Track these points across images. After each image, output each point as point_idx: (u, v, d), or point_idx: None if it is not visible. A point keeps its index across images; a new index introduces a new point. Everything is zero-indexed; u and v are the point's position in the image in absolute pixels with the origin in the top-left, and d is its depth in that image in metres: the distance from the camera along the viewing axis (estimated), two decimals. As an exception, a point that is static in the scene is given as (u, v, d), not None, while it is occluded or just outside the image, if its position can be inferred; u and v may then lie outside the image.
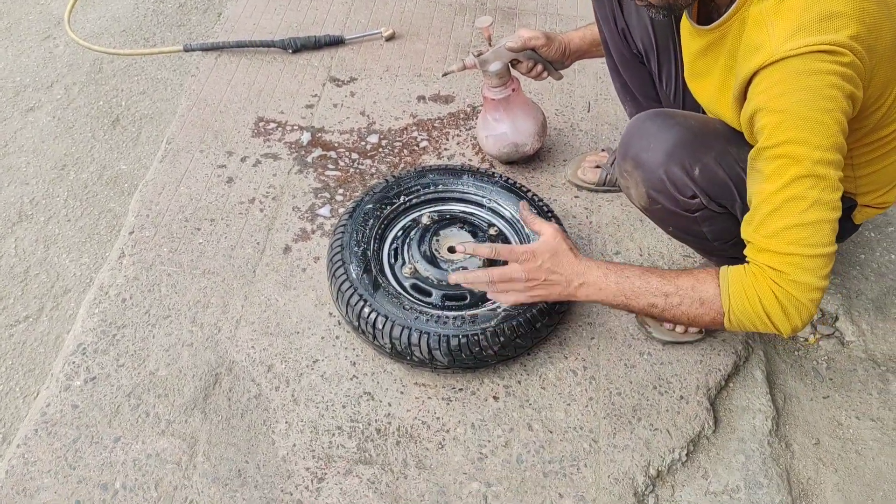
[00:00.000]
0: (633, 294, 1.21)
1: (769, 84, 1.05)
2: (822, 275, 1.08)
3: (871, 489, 1.42)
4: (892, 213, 1.92)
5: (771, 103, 1.05)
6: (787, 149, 1.04)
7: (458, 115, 2.06)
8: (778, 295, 1.09)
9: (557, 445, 1.40)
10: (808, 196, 1.05)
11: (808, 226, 1.06)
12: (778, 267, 1.09)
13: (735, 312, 1.14)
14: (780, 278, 1.09)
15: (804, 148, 1.03)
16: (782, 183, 1.06)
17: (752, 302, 1.11)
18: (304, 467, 1.36)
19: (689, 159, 1.26)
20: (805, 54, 1.01)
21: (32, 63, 2.50)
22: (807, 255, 1.07)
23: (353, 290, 1.45)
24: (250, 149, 1.95)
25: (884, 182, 1.29)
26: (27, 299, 1.83)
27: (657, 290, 1.20)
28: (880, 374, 1.59)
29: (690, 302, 1.18)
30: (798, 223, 1.06)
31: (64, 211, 2.03)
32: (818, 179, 1.04)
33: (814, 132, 1.02)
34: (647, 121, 1.33)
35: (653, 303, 1.20)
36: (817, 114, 1.02)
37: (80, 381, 1.46)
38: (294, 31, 2.33)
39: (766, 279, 1.10)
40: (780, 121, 1.04)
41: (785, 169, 1.05)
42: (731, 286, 1.14)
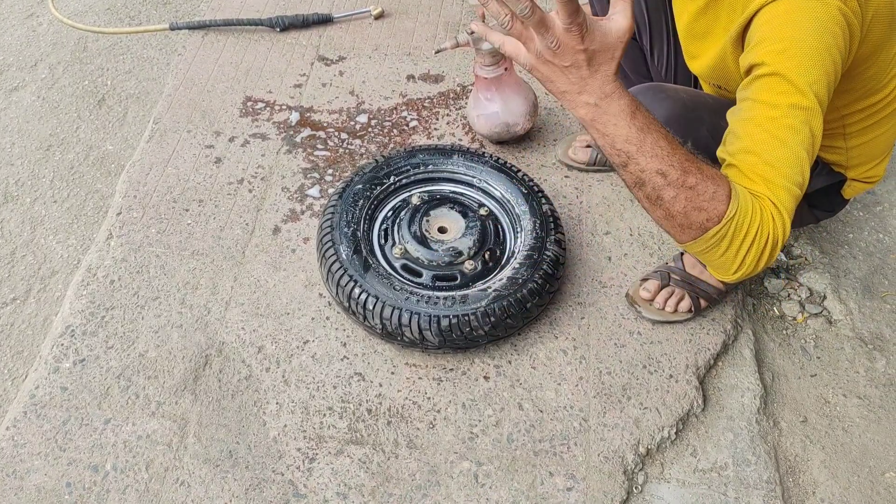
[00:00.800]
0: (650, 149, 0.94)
1: (773, 15, 1.00)
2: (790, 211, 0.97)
3: (858, 465, 1.44)
4: (881, 192, 1.92)
5: (775, 32, 0.99)
6: (790, 76, 0.97)
7: (447, 94, 2.05)
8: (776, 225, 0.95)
9: (548, 425, 1.41)
10: (804, 130, 0.96)
11: (799, 159, 0.96)
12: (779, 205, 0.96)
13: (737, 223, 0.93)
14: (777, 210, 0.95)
15: (807, 77, 0.97)
16: (781, 112, 0.96)
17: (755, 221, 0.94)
18: (295, 448, 1.36)
19: (682, 133, 1.25)
20: None
21: (15, 42, 2.46)
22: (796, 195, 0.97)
23: (344, 271, 1.45)
24: (238, 129, 1.93)
25: (874, 154, 1.29)
26: (14, 281, 1.81)
27: (679, 162, 0.94)
28: (867, 352, 1.61)
29: (704, 190, 0.94)
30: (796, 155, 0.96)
31: (50, 192, 2.01)
32: (812, 113, 0.97)
33: (816, 63, 0.97)
34: (638, 95, 1.32)
35: (664, 170, 0.94)
36: (822, 46, 0.98)
37: (68, 363, 1.45)
38: (282, 9, 2.30)
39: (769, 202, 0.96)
40: (786, 48, 0.98)
41: (785, 96, 0.97)
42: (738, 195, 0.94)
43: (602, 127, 0.95)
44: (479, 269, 1.52)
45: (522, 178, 1.65)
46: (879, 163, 1.31)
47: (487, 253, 1.54)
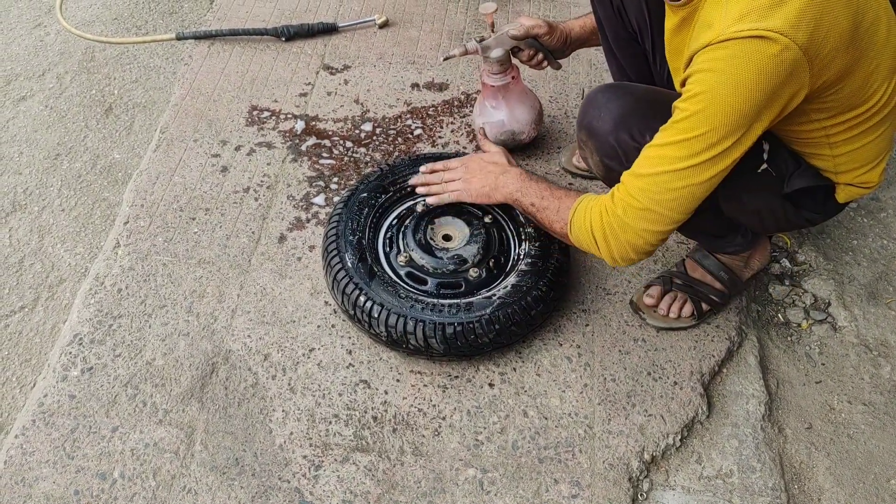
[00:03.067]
0: (527, 190, 1.44)
1: (705, 59, 1.08)
2: (647, 229, 1.19)
3: (863, 472, 1.44)
4: (886, 199, 1.93)
5: (701, 76, 1.09)
6: (693, 118, 1.10)
7: (452, 102, 2.06)
8: (605, 223, 1.22)
9: (553, 432, 1.41)
10: (680, 162, 1.12)
11: (664, 185, 1.15)
12: (618, 200, 1.20)
13: (574, 227, 1.30)
14: (612, 211, 1.21)
15: (705, 125, 1.08)
16: (671, 140, 1.13)
17: (586, 222, 1.26)
18: (301, 455, 1.37)
19: (638, 127, 1.29)
20: (743, 38, 1.03)
21: (23, 51, 2.49)
22: (644, 206, 1.17)
23: (349, 279, 1.46)
24: (244, 138, 1.94)
25: (863, 161, 1.29)
26: (22, 289, 1.83)
27: (539, 193, 1.42)
28: (872, 358, 1.61)
29: (553, 209, 1.37)
30: (656, 176, 1.15)
31: (58, 201, 2.03)
32: (697, 154, 1.11)
33: (722, 115, 1.07)
34: (600, 92, 1.38)
35: (533, 202, 1.42)
36: (735, 99, 1.06)
37: (77, 371, 1.46)
38: (287, 18, 2.32)
39: (606, 205, 1.23)
40: (698, 91, 1.08)
41: (681, 132, 1.11)
42: (581, 203, 1.30)
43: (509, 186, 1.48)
44: (484, 277, 1.52)
45: None
46: (872, 168, 1.30)
47: (492, 260, 1.55)
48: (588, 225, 1.26)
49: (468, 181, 1.53)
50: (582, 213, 1.28)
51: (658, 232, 1.20)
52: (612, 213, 1.21)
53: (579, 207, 1.30)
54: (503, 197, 1.49)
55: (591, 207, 1.26)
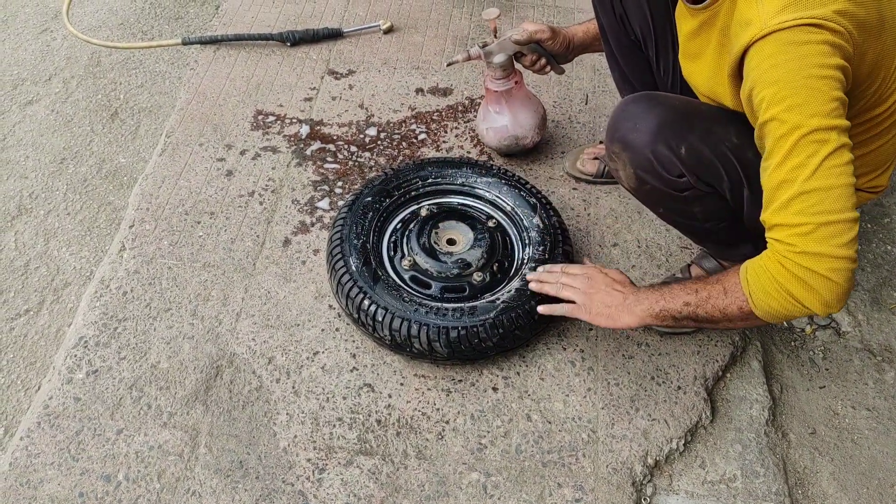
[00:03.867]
0: (670, 296, 1.24)
1: (761, 58, 1.05)
2: (837, 242, 1.02)
3: (867, 478, 1.44)
4: (889, 204, 1.93)
5: (765, 76, 1.04)
6: (784, 118, 1.03)
7: (456, 107, 2.06)
8: (792, 269, 1.05)
9: (556, 436, 1.41)
10: (810, 163, 1.01)
11: (814, 192, 1.02)
12: (786, 240, 1.05)
13: (756, 297, 1.11)
14: (789, 252, 1.04)
15: (800, 115, 1.01)
16: (783, 154, 1.03)
17: (770, 282, 1.08)
18: (305, 458, 1.37)
19: (675, 139, 1.27)
20: (794, 27, 1.02)
21: (30, 56, 2.50)
22: (817, 223, 1.02)
23: (353, 283, 1.46)
24: (249, 142, 1.95)
25: (877, 164, 1.29)
26: (28, 293, 1.83)
27: (690, 289, 1.22)
28: (876, 364, 1.61)
29: (717, 294, 1.17)
30: (802, 191, 1.02)
31: (63, 204, 2.04)
32: (820, 145, 1.01)
33: (809, 99, 1.01)
34: (631, 103, 1.35)
35: (686, 300, 1.21)
36: (811, 80, 1.01)
37: (82, 373, 1.47)
38: (292, 24, 2.33)
39: (776, 257, 1.07)
40: (775, 92, 1.03)
41: (785, 139, 1.03)
42: (749, 271, 1.12)
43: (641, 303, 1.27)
44: (488, 281, 1.53)
45: (530, 190, 1.67)
46: (882, 173, 1.31)
47: (496, 265, 1.55)
48: (774, 284, 1.07)
49: (590, 296, 1.33)
50: (757, 278, 1.10)
51: (847, 242, 1.03)
52: (791, 255, 1.05)
53: (750, 278, 1.12)
54: (637, 320, 1.28)
55: (764, 266, 1.09)
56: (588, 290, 1.34)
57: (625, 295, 1.30)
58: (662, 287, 1.28)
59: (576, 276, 1.37)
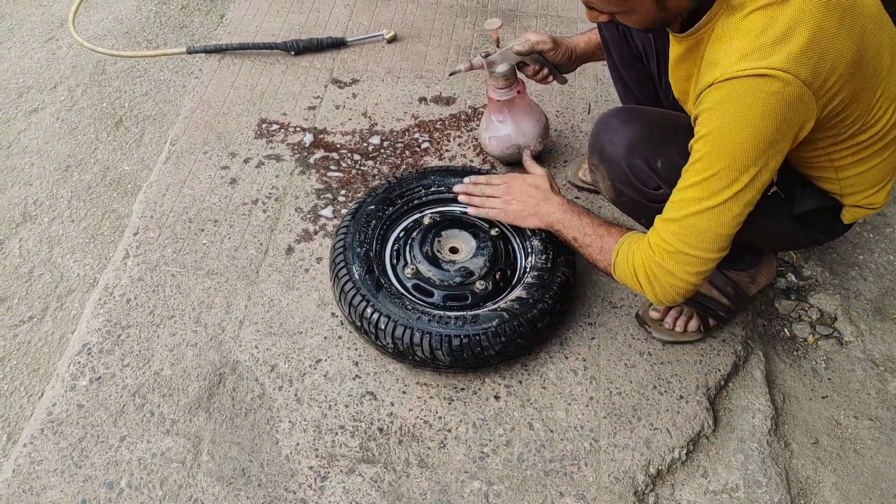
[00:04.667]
0: (568, 223, 1.44)
1: (712, 100, 1.11)
2: (688, 271, 1.20)
3: (870, 488, 1.44)
4: (891, 215, 1.93)
5: (707, 115, 1.11)
6: (705, 158, 1.12)
7: (459, 116, 2.07)
8: (647, 266, 1.24)
9: (558, 444, 1.41)
10: (704, 204, 1.14)
11: (691, 227, 1.17)
12: (654, 246, 1.23)
13: (617, 269, 1.32)
14: (651, 257, 1.23)
15: (719, 164, 1.11)
16: (690, 182, 1.15)
17: (629, 265, 1.28)
18: (307, 466, 1.37)
19: (651, 152, 1.30)
20: (746, 77, 1.06)
21: (36, 65, 2.52)
22: (679, 249, 1.19)
23: (356, 291, 1.47)
24: (253, 150, 1.96)
25: (869, 183, 1.30)
26: (31, 300, 1.84)
27: (582, 227, 1.41)
28: (878, 374, 1.61)
29: (595, 246, 1.37)
30: (683, 220, 1.17)
31: (68, 212, 2.05)
32: (717, 193, 1.13)
33: (734, 155, 1.10)
34: (612, 116, 1.39)
35: (575, 236, 1.42)
36: (743, 138, 1.08)
37: (85, 380, 1.47)
38: (296, 33, 2.34)
39: (643, 251, 1.25)
40: (707, 132, 1.11)
41: (698, 172, 1.14)
42: (622, 245, 1.31)
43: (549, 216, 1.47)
44: (490, 289, 1.53)
45: None
46: (879, 190, 1.31)
47: (498, 273, 1.56)
48: (632, 269, 1.27)
49: (507, 202, 1.52)
50: (625, 257, 1.29)
51: (697, 273, 1.21)
52: (651, 258, 1.23)
53: (621, 250, 1.31)
54: (541, 224, 1.49)
55: (634, 252, 1.27)
56: (507, 196, 1.53)
57: (536, 201, 1.50)
58: (570, 210, 1.45)
59: (497, 186, 1.56)
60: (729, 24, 1.11)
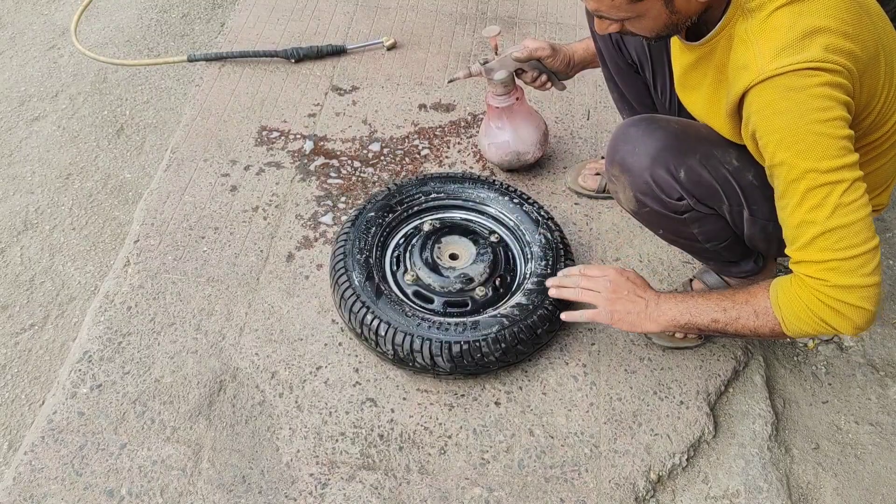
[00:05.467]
0: (697, 311, 1.27)
1: (761, 104, 1.08)
2: (864, 272, 1.08)
3: (871, 493, 1.43)
4: (890, 219, 1.93)
5: (766, 123, 1.08)
6: (793, 163, 1.07)
7: (458, 123, 2.08)
8: (826, 301, 1.11)
9: (559, 451, 1.41)
10: (827, 203, 1.06)
11: (835, 230, 1.07)
12: (817, 275, 1.10)
13: (789, 321, 1.17)
14: (822, 286, 1.10)
15: (809, 160, 1.05)
16: (798, 197, 1.08)
17: (803, 311, 1.14)
18: (307, 473, 1.37)
19: (674, 162, 1.28)
20: (791, 72, 1.04)
21: (37, 73, 2.53)
22: (842, 258, 1.08)
23: (356, 298, 1.47)
24: (254, 157, 1.97)
25: (877, 184, 1.30)
26: (32, 307, 1.84)
27: (717, 306, 1.25)
28: (879, 378, 1.61)
29: (747, 315, 1.22)
30: (824, 230, 1.07)
31: (69, 220, 2.05)
32: (832, 186, 1.06)
33: (816, 143, 1.05)
34: (631, 126, 1.36)
35: (715, 318, 1.25)
36: (815, 125, 1.04)
37: (86, 388, 1.47)
38: (296, 40, 2.35)
39: (809, 289, 1.12)
40: (780, 139, 1.07)
41: (797, 183, 1.07)
42: (780, 297, 1.17)
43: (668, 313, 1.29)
44: (490, 296, 1.53)
45: (532, 205, 1.68)
46: (883, 191, 1.32)
47: (498, 279, 1.56)
48: (809, 313, 1.13)
49: (612, 301, 1.34)
50: (790, 305, 1.16)
51: (872, 270, 1.09)
52: (823, 286, 1.10)
53: (781, 303, 1.17)
54: (660, 329, 1.31)
55: (797, 295, 1.14)
56: (610, 294, 1.34)
57: (647, 301, 1.32)
58: (686, 298, 1.30)
59: (596, 280, 1.36)
60: (751, 27, 1.10)
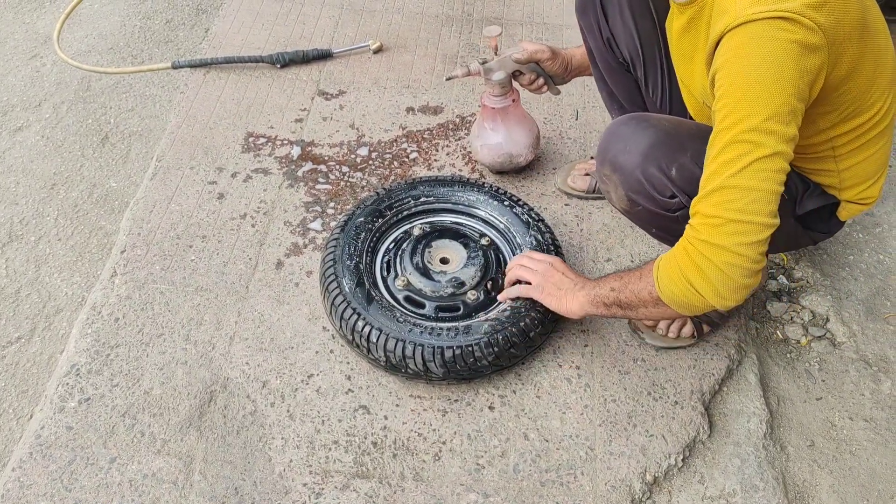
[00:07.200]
0: (604, 283, 1.31)
1: (730, 47, 1.06)
2: (741, 241, 1.05)
3: (866, 489, 1.43)
4: (880, 214, 1.94)
5: (727, 66, 1.06)
6: (729, 110, 1.04)
7: (447, 125, 2.07)
8: (693, 256, 1.08)
9: (554, 454, 1.40)
10: (740, 161, 1.04)
11: (734, 189, 1.04)
12: (696, 227, 1.09)
13: (662, 283, 1.16)
14: (694, 239, 1.08)
15: (745, 110, 1.03)
16: (719, 148, 1.06)
17: (675, 269, 1.12)
18: (301, 483, 1.35)
19: (666, 160, 1.28)
20: (765, 19, 1.02)
21: (20, 82, 2.50)
22: (727, 218, 1.05)
23: (347, 304, 1.46)
24: (241, 164, 1.95)
25: (867, 174, 1.30)
26: (19, 320, 1.82)
27: (617, 275, 1.30)
28: (872, 374, 1.61)
29: (634, 279, 1.24)
30: (724, 186, 1.05)
31: (54, 230, 2.03)
32: (753, 146, 1.03)
33: (758, 98, 1.02)
34: (622, 125, 1.35)
35: (612, 286, 1.29)
36: (767, 80, 1.02)
37: (74, 402, 1.45)
38: (282, 45, 2.34)
39: (684, 243, 1.11)
40: (731, 83, 1.05)
41: (726, 132, 1.05)
42: (662, 258, 1.18)
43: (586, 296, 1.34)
44: (482, 299, 1.52)
45: (522, 207, 1.67)
46: (873, 183, 1.32)
47: (490, 283, 1.55)
48: (677, 270, 1.11)
49: (545, 278, 1.42)
50: (666, 263, 1.15)
51: (754, 244, 1.05)
52: (696, 243, 1.08)
53: (661, 262, 1.18)
54: (579, 306, 1.35)
55: (673, 254, 1.15)
56: (545, 273, 1.42)
57: (574, 282, 1.38)
58: (603, 277, 1.35)
59: (539, 262, 1.45)
60: None
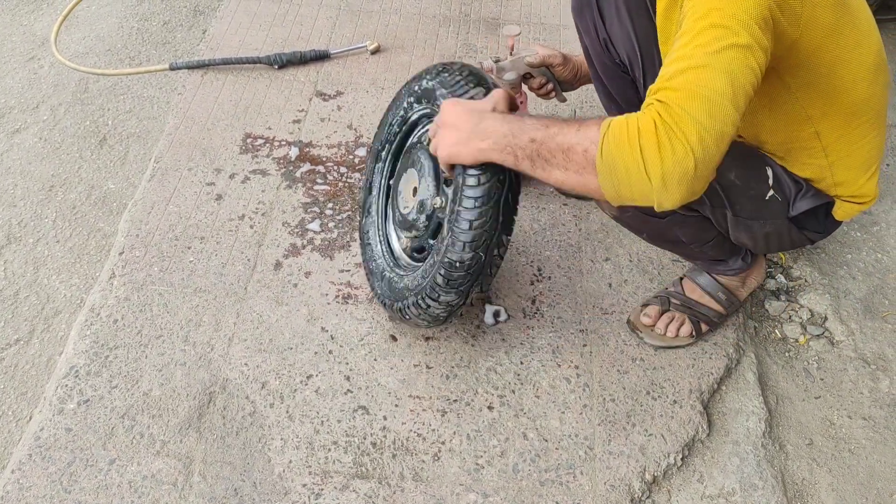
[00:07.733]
0: (519, 129, 1.09)
1: None
2: (715, 115, 0.94)
3: (865, 488, 1.43)
4: (878, 212, 1.94)
5: None
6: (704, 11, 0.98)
7: (445, 126, 2.07)
8: (658, 123, 0.96)
9: (553, 454, 1.40)
10: (715, 45, 0.95)
11: (708, 68, 0.95)
12: (666, 99, 0.97)
13: (607, 142, 1.00)
14: (664, 109, 0.96)
15: (719, 4, 0.97)
16: (692, 35, 0.98)
17: (630, 130, 0.98)
18: (300, 484, 1.35)
19: None
20: None
21: (17, 85, 2.50)
22: (701, 94, 0.94)
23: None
24: (238, 165, 1.95)
25: (859, 166, 1.28)
26: (17, 322, 1.82)
27: (541, 124, 1.07)
28: (870, 372, 1.61)
29: (570, 130, 1.05)
30: (700, 65, 0.96)
31: (53, 232, 2.03)
32: (731, 33, 0.96)
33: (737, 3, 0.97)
34: None
35: (533, 136, 1.07)
36: None
37: (73, 403, 1.45)
38: (279, 46, 2.34)
39: (649, 109, 0.98)
40: None
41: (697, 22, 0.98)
42: (615, 121, 1.02)
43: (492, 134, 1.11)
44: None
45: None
46: (867, 181, 1.31)
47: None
48: (635, 135, 0.97)
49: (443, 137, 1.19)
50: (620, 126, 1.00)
51: (716, 132, 0.94)
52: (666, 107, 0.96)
53: (614, 122, 1.01)
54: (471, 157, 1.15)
55: (634, 117, 0.99)
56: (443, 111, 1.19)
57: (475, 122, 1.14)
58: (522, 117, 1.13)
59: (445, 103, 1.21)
60: None
